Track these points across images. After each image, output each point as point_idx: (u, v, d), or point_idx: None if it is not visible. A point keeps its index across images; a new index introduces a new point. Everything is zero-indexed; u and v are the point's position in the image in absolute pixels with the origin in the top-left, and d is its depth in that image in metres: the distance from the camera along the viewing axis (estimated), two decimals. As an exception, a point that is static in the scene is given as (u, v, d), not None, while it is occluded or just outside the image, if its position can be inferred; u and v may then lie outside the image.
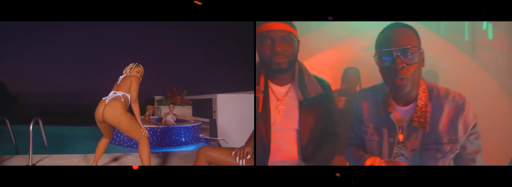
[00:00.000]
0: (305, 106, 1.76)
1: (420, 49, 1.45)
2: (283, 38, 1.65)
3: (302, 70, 1.81)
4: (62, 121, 9.89)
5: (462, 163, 1.55)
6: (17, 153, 3.32)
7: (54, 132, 6.77)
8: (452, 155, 1.52)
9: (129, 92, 2.51)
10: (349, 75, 3.16)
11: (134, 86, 2.53)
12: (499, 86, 2.90)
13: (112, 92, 2.51)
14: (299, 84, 1.76)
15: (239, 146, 1.82)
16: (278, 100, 1.78)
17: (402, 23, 1.51)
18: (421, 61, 1.47)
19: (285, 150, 1.78)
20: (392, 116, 1.55)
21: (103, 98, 2.47)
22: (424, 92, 1.54)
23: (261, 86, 1.76)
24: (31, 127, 2.80)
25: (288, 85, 1.80)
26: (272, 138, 1.76)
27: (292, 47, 1.69)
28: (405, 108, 1.56)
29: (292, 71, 1.78)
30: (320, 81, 1.84)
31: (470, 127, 1.53)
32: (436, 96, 1.54)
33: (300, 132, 1.77)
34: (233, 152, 1.76)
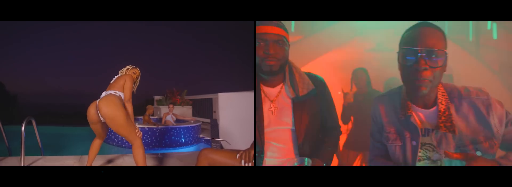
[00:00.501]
0: (297, 104, 1.76)
1: (446, 53, 1.40)
2: (277, 42, 1.69)
3: (292, 68, 1.81)
4: (61, 121, 9.85)
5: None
6: (10, 155, 3.24)
7: (53, 132, 6.74)
8: (494, 151, 1.45)
9: (122, 91, 2.41)
10: (358, 76, 3.09)
11: (128, 85, 2.43)
12: (505, 87, 2.86)
13: (104, 92, 2.40)
14: (290, 82, 1.78)
15: (241, 147, 1.76)
16: (271, 101, 1.77)
17: (432, 23, 1.46)
18: (444, 66, 1.42)
19: (281, 150, 1.75)
20: (412, 119, 1.51)
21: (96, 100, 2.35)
22: (443, 95, 1.50)
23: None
24: (23, 127, 2.72)
25: (280, 86, 1.81)
26: (268, 138, 1.75)
27: (284, 51, 1.72)
28: (428, 111, 1.52)
29: (283, 72, 1.80)
30: (314, 78, 1.84)
31: (504, 117, 1.46)
32: (458, 97, 1.49)
33: (295, 131, 1.75)
34: (237, 155, 1.71)
